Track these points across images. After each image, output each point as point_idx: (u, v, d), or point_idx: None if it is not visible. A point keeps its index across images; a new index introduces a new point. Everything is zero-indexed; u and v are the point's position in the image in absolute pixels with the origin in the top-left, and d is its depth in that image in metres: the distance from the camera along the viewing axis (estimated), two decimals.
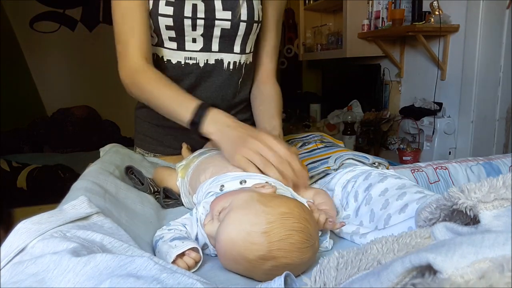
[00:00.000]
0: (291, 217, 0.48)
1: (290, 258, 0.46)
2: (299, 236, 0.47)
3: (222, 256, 0.49)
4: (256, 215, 0.47)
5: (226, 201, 0.53)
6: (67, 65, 3.67)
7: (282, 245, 0.46)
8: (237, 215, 0.49)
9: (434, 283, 0.26)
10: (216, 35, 0.88)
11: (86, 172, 0.68)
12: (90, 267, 0.35)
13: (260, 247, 0.45)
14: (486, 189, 0.38)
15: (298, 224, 0.47)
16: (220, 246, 0.49)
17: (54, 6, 3.56)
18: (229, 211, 0.50)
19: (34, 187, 2.47)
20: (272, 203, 0.50)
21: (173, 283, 0.35)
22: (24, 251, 0.39)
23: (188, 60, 0.90)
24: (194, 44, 0.89)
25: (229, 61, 0.92)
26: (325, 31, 3.24)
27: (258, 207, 0.48)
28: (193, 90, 0.93)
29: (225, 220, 0.49)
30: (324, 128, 3.03)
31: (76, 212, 0.47)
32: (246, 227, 0.47)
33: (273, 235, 0.46)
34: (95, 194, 0.57)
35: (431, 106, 2.27)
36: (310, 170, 0.79)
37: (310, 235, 0.48)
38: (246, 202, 0.50)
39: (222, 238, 0.48)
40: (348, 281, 0.37)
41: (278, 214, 0.48)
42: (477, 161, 0.90)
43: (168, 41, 0.88)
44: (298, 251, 0.46)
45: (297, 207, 0.50)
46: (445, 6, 2.15)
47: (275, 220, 0.47)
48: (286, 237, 0.46)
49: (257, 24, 0.90)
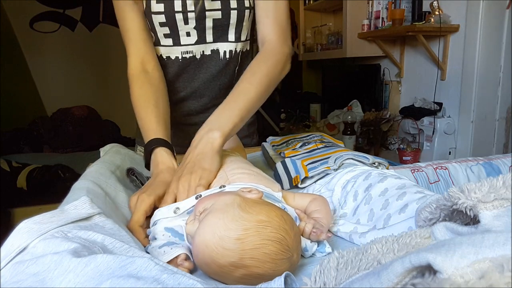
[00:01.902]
0: (269, 226, 0.46)
1: (263, 269, 0.44)
2: (274, 247, 0.45)
3: (195, 257, 0.48)
4: (233, 220, 0.46)
5: (209, 202, 0.52)
6: (67, 65, 3.67)
7: (256, 254, 0.44)
8: (214, 218, 0.47)
9: (434, 283, 0.26)
10: (208, 26, 0.89)
11: (87, 172, 0.68)
12: (90, 267, 0.35)
13: (232, 254, 0.44)
14: (486, 189, 0.38)
15: (276, 234, 0.45)
16: (194, 247, 0.48)
17: (54, 6, 3.56)
18: (209, 213, 0.49)
19: (34, 187, 2.47)
20: (252, 209, 0.48)
21: (173, 284, 0.35)
22: (25, 250, 0.39)
23: (185, 54, 0.92)
24: (189, 37, 0.90)
25: (224, 50, 0.93)
26: (325, 31, 3.24)
27: (237, 212, 0.47)
28: (191, 81, 0.96)
29: (202, 222, 0.48)
30: (324, 128, 3.03)
31: (78, 213, 0.47)
32: (220, 232, 0.45)
33: (247, 242, 0.44)
34: (96, 195, 0.57)
35: (431, 106, 2.27)
36: (310, 170, 0.79)
37: (287, 247, 0.46)
38: (226, 206, 0.49)
39: (196, 240, 0.47)
40: (348, 281, 0.37)
41: (255, 221, 0.46)
42: (477, 161, 0.90)
43: (164, 38, 0.90)
44: (272, 262, 0.44)
45: (277, 217, 0.48)
46: (445, 6, 2.15)
47: (251, 227, 0.45)
48: (260, 246, 0.44)
49: (249, 10, 0.90)
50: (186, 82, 0.96)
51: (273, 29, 0.85)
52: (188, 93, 0.98)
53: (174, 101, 0.97)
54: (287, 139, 1.04)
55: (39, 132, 3.35)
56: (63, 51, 3.65)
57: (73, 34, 3.67)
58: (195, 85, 0.96)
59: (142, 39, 0.86)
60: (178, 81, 0.96)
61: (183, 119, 1.01)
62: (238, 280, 0.45)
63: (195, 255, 0.48)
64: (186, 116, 1.00)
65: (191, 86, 0.96)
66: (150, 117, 0.78)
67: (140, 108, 0.80)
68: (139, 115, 0.80)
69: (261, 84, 0.77)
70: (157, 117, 0.78)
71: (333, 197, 0.71)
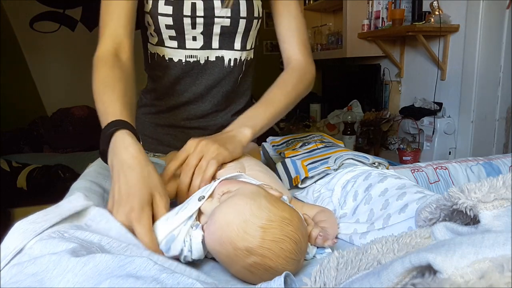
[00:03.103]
0: (291, 225, 0.47)
1: (275, 262, 0.45)
2: (291, 245, 0.46)
3: (210, 234, 0.49)
4: (259, 209, 0.47)
5: (233, 186, 0.53)
6: (67, 65, 3.67)
7: (273, 246, 0.45)
8: (241, 201, 0.49)
9: (434, 283, 0.26)
10: (216, 32, 0.88)
11: (86, 172, 0.68)
12: (89, 267, 0.35)
13: (251, 239, 0.45)
14: (486, 189, 0.38)
15: (294, 234, 0.47)
16: (213, 224, 0.48)
17: (54, 6, 3.57)
18: (234, 196, 0.50)
19: (34, 187, 2.47)
20: (277, 204, 0.49)
21: (172, 283, 0.34)
22: (22, 251, 0.39)
23: (188, 58, 0.90)
24: (195, 42, 0.89)
25: (229, 58, 0.92)
26: (325, 31, 3.24)
27: (264, 202, 0.48)
28: (193, 86, 0.94)
29: (227, 202, 0.49)
30: (324, 128, 3.03)
31: (72, 206, 0.46)
32: (246, 215, 0.46)
33: (269, 233, 0.45)
34: (94, 194, 0.57)
35: (431, 106, 2.27)
36: (310, 170, 0.79)
37: (300, 249, 0.48)
38: (253, 194, 0.50)
39: (218, 217, 0.48)
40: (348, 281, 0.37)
41: (280, 216, 0.47)
42: (477, 161, 0.90)
43: (169, 40, 0.88)
44: (285, 259, 0.46)
45: (297, 218, 0.50)
46: (445, 6, 2.15)
47: (275, 220, 0.47)
48: (279, 240, 0.46)
49: (257, 20, 0.90)
50: (187, 86, 0.94)
51: (300, 49, 0.91)
52: (188, 97, 0.96)
53: (174, 104, 0.96)
54: (287, 139, 1.04)
55: (39, 132, 3.35)
56: (63, 51, 3.65)
57: (73, 34, 3.68)
58: (197, 90, 0.94)
59: (123, 26, 0.78)
60: (180, 84, 0.94)
61: (183, 122, 1.00)
62: (247, 268, 0.46)
63: (211, 232, 0.48)
64: (185, 120, 0.99)
65: (192, 90, 0.95)
66: (115, 102, 0.66)
67: (103, 92, 0.68)
68: (101, 99, 0.67)
69: (289, 96, 0.84)
70: (123, 104, 0.66)
71: (333, 197, 0.70)
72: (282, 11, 0.90)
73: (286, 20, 0.90)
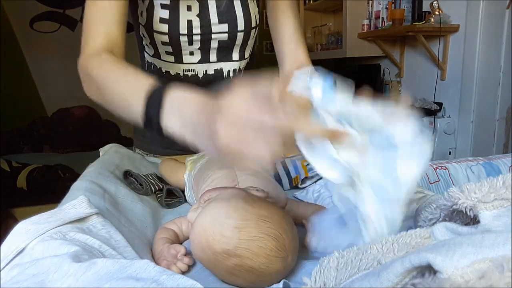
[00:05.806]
0: (269, 221, 0.46)
1: (255, 262, 0.44)
2: (270, 243, 0.44)
3: (192, 241, 0.49)
4: (234, 209, 0.47)
5: (215, 193, 0.54)
6: (67, 65, 3.65)
7: (251, 245, 0.44)
8: (217, 205, 0.49)
9: (434, 283, 0.26)
10: (213, 47, 0.87)
11: (86, 172, 0.68)
12: (91, 273, 0.35)
13: (228, 241, 0.44)
14: (486, 189, 0.38)
15: (274, 230, 0.45)
16: (193, 232, 0.49)
17: (54, 6, 3.56)
18: (212, 201, 0.51)
19: (34, 187, 2.47)
20: (256, 204, 0.48)
21: (172, 285, 0.34)
22: (23, 252, 0.39)
23: (186, 72, 0.89)
24: (192, 56, 0.87)
25: (228, 70, 0.91)
26: (325, 31, 3.24)
27: (240, 203, 0.48)
28: None
29: (205, 208, 0.49)
30: None
31: (76, 212, 0.46)
32: (220, 218, 0.46)
33: (245, 233, 0.44)
34: (94, 194, 0.57)
35: (431, 106, 2.27)
36: (310, 170, 0.79)
37: (284, 246, 0.45)
38: (231, 196, 0.50)
39: (196, 224, 0.48)
40: (348, 281, 0.37)
41: (256, 214, 0.46)
42: (477, 161, 0.90)
43: (165, 54, 0.86)
44: (266, 258, 0.44)
45: (278, 215, 0.48)
46: (445, 6, 2.15)
47: (251, 219, 0.46)
48: (256, 238, 0.44)
49: (254, 29, 0.89)
50: None
51: (302, 51, 0.90)
52: None
53: None
54: None
55: (39, 132, 3.35)
56: (63, 51, 3.64)
57: (73, 34, 3.67)
58: None
59: (116, 25, 0.68)
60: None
61: None
62: (229, 271, 0.45)
63: (192, 240, 0.49)
64: None
65: None
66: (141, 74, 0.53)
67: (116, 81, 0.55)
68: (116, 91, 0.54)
69: None
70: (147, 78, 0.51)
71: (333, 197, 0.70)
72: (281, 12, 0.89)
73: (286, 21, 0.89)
